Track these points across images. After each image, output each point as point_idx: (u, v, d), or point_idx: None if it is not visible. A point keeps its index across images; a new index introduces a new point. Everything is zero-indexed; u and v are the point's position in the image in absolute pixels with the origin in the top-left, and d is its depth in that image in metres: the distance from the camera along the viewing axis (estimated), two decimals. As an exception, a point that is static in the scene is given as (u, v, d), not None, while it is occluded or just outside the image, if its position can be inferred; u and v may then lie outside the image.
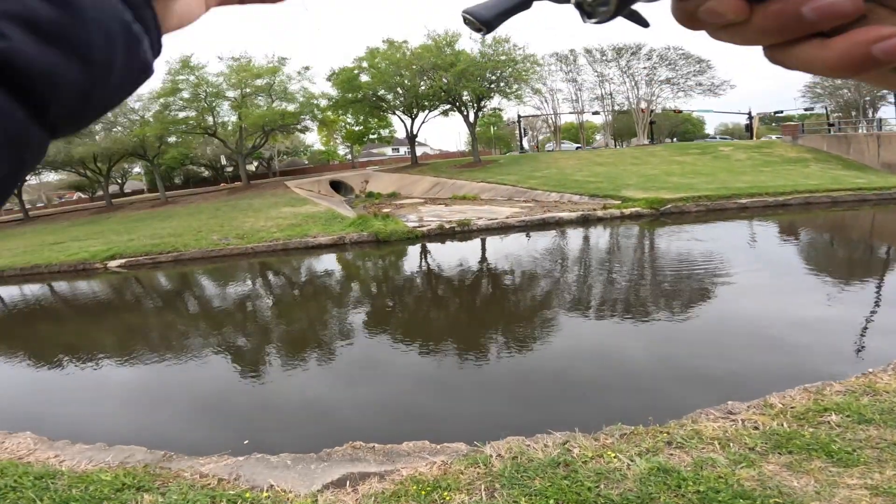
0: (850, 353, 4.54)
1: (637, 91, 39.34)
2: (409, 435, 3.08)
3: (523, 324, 6.13)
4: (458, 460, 2.67)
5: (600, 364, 4.67)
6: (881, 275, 7.79)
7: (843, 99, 37.74)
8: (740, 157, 21.65)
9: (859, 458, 2.42)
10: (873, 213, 12.99)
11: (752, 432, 2.74)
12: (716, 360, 4.57)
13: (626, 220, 12.78)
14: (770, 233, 11.27)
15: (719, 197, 13.75)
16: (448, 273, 9.20)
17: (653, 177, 18.11)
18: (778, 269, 7.73)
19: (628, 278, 7.92)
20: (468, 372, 4.74)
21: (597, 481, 2.41)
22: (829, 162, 20.04)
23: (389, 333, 6.10)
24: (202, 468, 2.82)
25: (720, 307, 6.20)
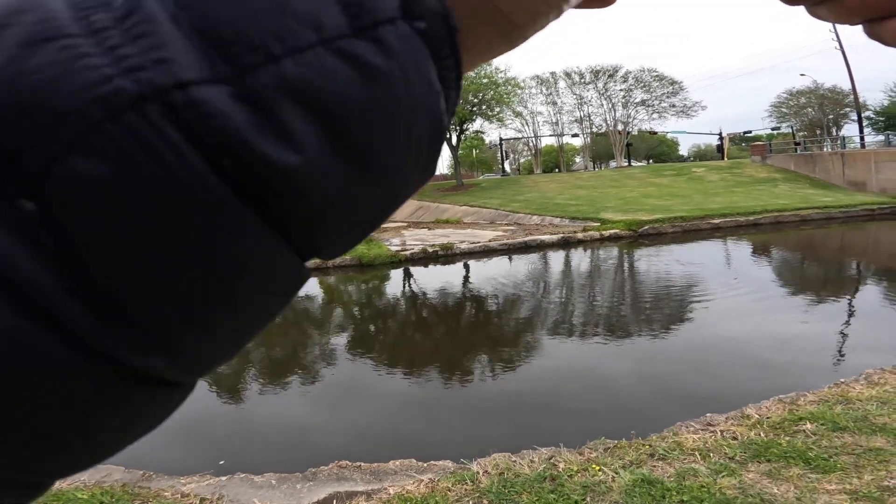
0: (822, 365, 4.68)
1: (614, 113, 40.37)
2: (396, 454, 3.07)
3: (507, 345, 6.17)
4: (446, 478, 2.68)
5: (583, 382, 4.73)
6: (850, 290, 8.04)
7: (808, 118, 39.17)
8: (713, 179, 22.26)
9: (836, 465, 2.50)
10: (841, 230, 13.43)
11: (731, 442, 2.81)
12: (694, 375, 4.67)
13: (606, 242, 12.99)
14: (743, 252, 11.57)
15: (694, 217, 14.10)
16: (432, 297, 9.23)
17: (631, 199, 18.49)
18: (752, 287, 7.93)
19: (608, 300, 8.05)
20: (453, 393, 4.75)
21: (583, 494, 2.44)
22: (798, 181, 20.72)
23: (375, 356, 6.09)
24: (183, 488, 2.78)
25: (696, 325, 6.34)
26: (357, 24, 0.16)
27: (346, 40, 0.16)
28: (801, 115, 39.64)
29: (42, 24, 0.14)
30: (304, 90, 0.15)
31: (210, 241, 0.15)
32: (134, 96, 0.14)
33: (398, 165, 0.18)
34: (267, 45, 0.15)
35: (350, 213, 0.18)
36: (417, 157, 0.18)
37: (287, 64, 0.15)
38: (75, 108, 0.14)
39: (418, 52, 0.17)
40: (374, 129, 0.16)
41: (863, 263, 9.95)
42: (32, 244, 0.14)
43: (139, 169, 0.14)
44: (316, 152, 0.16)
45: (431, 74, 0.18)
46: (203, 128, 0.14)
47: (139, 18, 0.15)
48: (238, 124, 0.15)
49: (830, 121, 38.00)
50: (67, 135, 0.14)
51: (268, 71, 0.15)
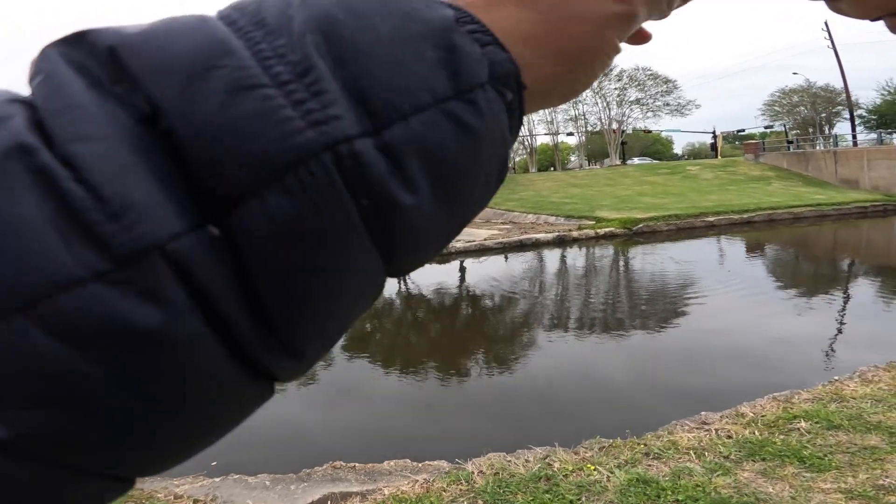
0: (816, 362, 4.69)
1: (609, 112, 40.45)
2: (391, 454, 3.06)
3: (503, 343, 6.17)
4: (441, 478, 2.67)
5: (578, 381, 4.72)
6: (843, 288, 8.09)
7: (801, 116, 39.40)
8: (707, 177, 22.33)
9: (831, 463, 2.50)
10: (834, 228, 13.51)
11: (726, 441, 2.81)
12: (688, 373, 4.67)
13: (601, 241, 13.01)
14: (737, 250, 11.61)
15: (688, 215, 14.14)
16: (427, 295, 9.22)
17: (626, 197, 18.53)
18: (745, 285, 7.96)
19: (603, 298, 8.05)
20: (448, 392, 4.74)
21: (578, 494, 2.43)
22: (790, 179, 20.82)
23: (370, 355, 6.07)
24: (177, 489, 2.75)
25: (691, 323, 6.35)
26: (458, 87, 0.19)
27: (452, 102, 0.19)
28: (794, 113, 39.86)
29: (242, 72, 0.17)
30: (423, 143, 0.18)
31: (347, 264, 0.18)
32: (319, 146, 0.17)
33: (477, 202, 0.22)
34: (400, 106, 0.18)
35: (433, 241, 0.21)
36: (488, 193, 0.22)
37: (413, 121, 0.18)
38: (275, 153, 0.16)
39: (500, 111, 0.20)
40: (465, 176, 0.20)
41: (856, 260, 10.00)
42: (222, 266, 0.16)
43: (314, 206, 0.17)
44: (425, 194, 0.19)
45: (505, 127, 0.21)
46: (356, 174, 0.17)
47: (316, 77, 0.17)
48: (380, 172, 0.17)
49: (823, 119, 38.23)
50: (266, 174, 0.16)
51: (400, 127, 0.18)
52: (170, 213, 0.16)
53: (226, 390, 0.17)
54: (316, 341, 0.19)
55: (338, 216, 0.17)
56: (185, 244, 0.15)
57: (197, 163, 0.16)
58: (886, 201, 15.56)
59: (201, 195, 0.16)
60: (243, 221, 0.16)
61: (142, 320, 0.15)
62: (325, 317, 0.19)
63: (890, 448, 2.57)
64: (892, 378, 3.38)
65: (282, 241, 0.17)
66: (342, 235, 0.17)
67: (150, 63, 0.17)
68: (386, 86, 0.18)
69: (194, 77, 0.16)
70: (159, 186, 0.16)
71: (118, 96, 0.16)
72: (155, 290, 0.15)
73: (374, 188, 0.17)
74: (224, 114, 0.16)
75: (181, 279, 0.15)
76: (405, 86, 0.18)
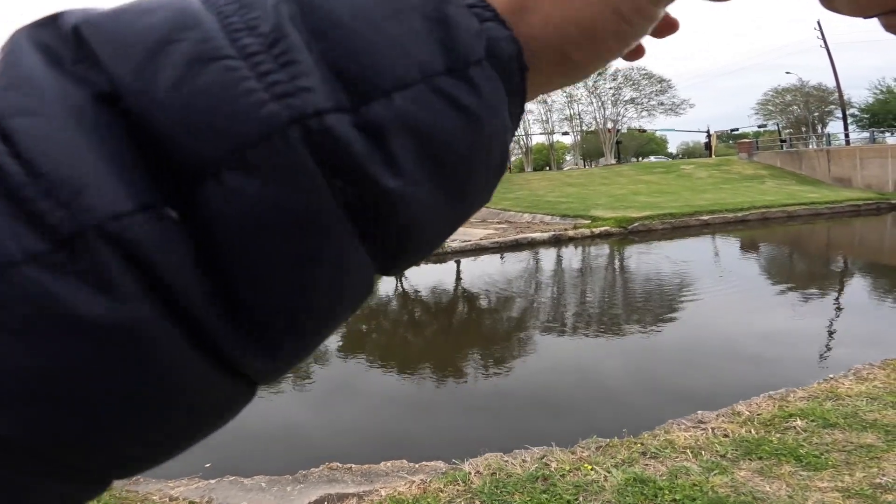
0: (811, 360, 4.71)
1: (604, 111, 40.54)
2: (387, 455, 3.05)
3: (499, 343, 6.16)
4: (437, 478, 2.65)
5: (575, 380, 4.72)
6: (838, 286, 8.13)
7: (794, 116, 39.60)
8: (701, 176, 22.41)
9: (828, 462, 2.51)
10: (827, 226, 13.58)
11: (723, 440, 2.81)
12: (684, 371, 4.68)
13: (597, 240, 13.03)
14: (732, 248, 11.65)
15: (683, 214, 14.17)
16: (424, 295, 9.20)
17: (621, 196, 18.57)
18: (740, 284, 7.98)
19: (599, 297, 8.06)
20: (445, 392, 4.73)
21: (575, 494, 2.43)
22: (784, 178, 20.92)
23: (365, 356, 6.05)
24: (171, 491, 2.73)
25: (686, 322, 6.36)
26: (451, 64, 0.18)
27: (442, 78, 0.17)
28: (787, 112, 40.05)
29: (206, 44, 0.16)
30: (408, 122, 0.17)
31: (322, 253, 0.17)
32: (284, 120, 0.15)
33: (474, 191, 0.20)
34: (381, 81, 0.17)
35: (429, 234, 0.19)
36: (487, 182, 0.20)
37: (397, 98, 0.17)
38: (235, 128, 0.15)
39: (499, 92, 0.19)
40: (461, 160, 0.18)
41: (850, 259, 10.06)
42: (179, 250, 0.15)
43: (278, 185, 0.15)
44: (413, 177, 0.17)
45: (505, 110, 0.19)
46: (328, 151, 0.16)
47: (286, 47, 0.16)
48: (357, 150, 0.16)
49: (816, 118, 38.43)
50: (226, 151, 0.15)
51: (381, 104, 0.16)
52: (116, 192, 0.14)
53: (192, 387, 0.16)
54: (292, 340, 0.17)
55: (309, 198, 0.16)
56: (132, 225, 0.14)
57: (154, 141, 0.15)
58: (879, 199, 15.66)
59: (163, 176, 0.15)
60: (203, 203, 0.15)
61: (83, 307, 0.14)
62: (301, 313, 0.17)
63: (886, 446, 2.57)
64: (887, 376, 3.40)
65: (245, 224, 0.15)
66: (316, 220, 0.16)
67: (109, 41, 0.16)
68: (367, 59, 0.17)
69: (153, 52, 0.15)
70: (108, 165, 0.14)
71: (77, 75, 0.15)
72: (96, 275, 0.14)
73: (351, 168, 0.16)
74: (180, 88, 0.15)
75: (129, 263, 0.14)
76: (389, 60, 0.17)
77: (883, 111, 31.74)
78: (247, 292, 0.16)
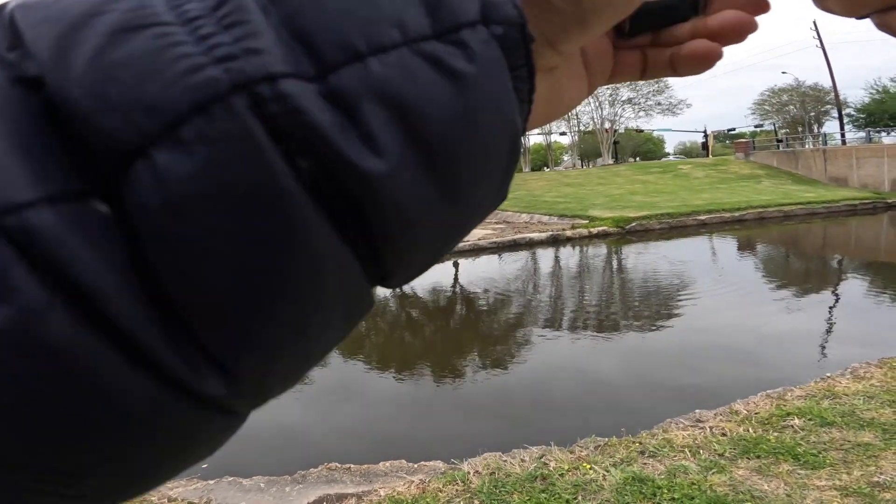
0: (808, 359, 4.72)
1: (601, 111, 40.59)
2: (386, 455, 3.05)
3: (498, 343, 6.16)
4: (436, 478, 2.66)
5: (573, 379, 4.73)
6: (834, 284, 8.16)
7: (790, 115, 39.71)
8: (698, 175, 22.46)
9: (825, 460, 2.51)
10: (824, 225, 13.63)
11: (721, 439, 2.82)
12: (682, 370, 4.69)
13: (594, 240, 13.05)
14: (729, 248, 11.68)
15: (680, 214, 14.20)
16: (421, 295, 9.20)
17: (618, 196, 18.60)
18: (737, 283, 8.00)
19: (597, 297, 8.08)
20: (443, 391, 4.73)
21: (574, 493, 2.43)
22: (780, 177, 20.98)
23: (364, 356, 6.05)
24: (170, 492, 2.73)
25: (684, 321, 6.38)
26: (439, 26, 0.15)
27: (429, 42, 0.15)
28: (784, 112, 40.16)
29: (135, 12, 0.13)
30: (389, 92, 0.14)
31: (283, 251, 0.14)
32: (225, 87, 0.13)
33: (476, 181, 0.17)
34: (353, 44, 0.14)
35: (425, 234, 0.16)
36: (494, 173, 0.17)
37: (372, 64, 0.14)
38: (164, 99, 0.13)
39: (497, 59, 0.16)
40: (457, 138, 0.15)
41: (847, 257, 10.09)
42: (102, 249, 0.13)
43: (221, 166, 0.13)
44: (398, 159, 0.14)
45: (508, 81, 0.17)
46: (287, 123, 0.13)
47: (232, 8, 0.14)
48: (323, 123, 0.14)
49: (812, 118, 38.54)
50: (153, 127, 0.13)
51: (353, 70, 0.14)
52: (16, 180, 0.12)
53: (136, 413, 0.13)
54: (253, 355, 0.14)
55: (260, 176, 0.13)
56: (34, 218, 0.12)
57: (73, 123, 0.13)
58: (876, 199, 15.72)
59: (88, 164, 0.13)
60: (130, 189, 0.13)
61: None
62: (259, 322, 0.14)
63: (883, 445, 2.58)
64: (884, 374, 3.41)
65: (178, 211, 0.13)
66: (270, 203, 0.13)
67: (36, 21, 0.14)
68: (335, 20, 0.14)
69: (73, 27, 0.13)
70: (13, 151, 0.12)
71: (7, 61, 0.14)
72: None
73: (318, 145, 0.13)
74: (99, 60, 0.13)
75: (31, 265, 0.12)
76: (362, 19, 0.14)
77: (879, 111, 31.84)
78: (186, 298, 0.13)
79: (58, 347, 0.12)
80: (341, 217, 0.14)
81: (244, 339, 0.14)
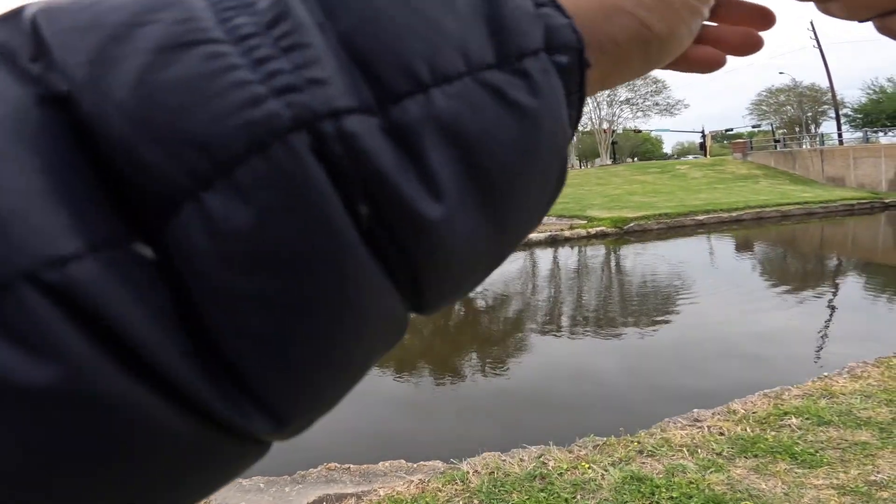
0: (805, 358, 4.74)
1: (599, 112, 40.63)
2: (385, 455, 3.05)
3: (497, 343, 6.17)
4: (436, 478, 2.66)
5: (572, 379, 4.74)
6: (832, 284, 8.18)
7: (788, 116, 39.79)
8: (696, 176, 22.50)
9: (823, 459, 2.53)
10: (821, 225, 13.66)
11: (718, 438, 2.83)
12: (679, 370, 4.70)
13: (592, 240, 13.07)
14: (727, 248, 11.71)
15: (678, 214, 14.23)
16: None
17: (616, 196, 18.62)
18: (735, 283, 8.02)
19: (596, 297, 8.09)
20: (442, 391, 4.73)
21: (573, 493, 2.44)
22: (778, 177, 21.03)
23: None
24: (172, 497, 2.73)
25: (681, 320, 6.39)
26: (503, 53, 0.14)
27: (492, 72, 0.14)
28: (781, 112, 40.24)
29: (183, 25, 0.12)
30: (452, 128, 0.13)
31: (337, 300, 0.13)
32: (286, 123, 0.12)
33: (526, 216, 0.16)
34: (416, 71, 0.13)
35: (470, 271, 0.15)
36: (541, 205, 0.16)
37: (436, 95, 0.13)
38: (219, 135, 0.11)
39: (557, 91, 0.15)
40: (514, 175, 0.14)
41: (844, 257, 10.12)
42: (149, 299, 0.11)
43: (281, 215, 0.12)
44: (456, 202, 0.13)
45: (565, 114, 0.16)
46: (350, 166, 0.12)
47: (290, 27, 0.12)
48: (387, 166, 0.12)
49: (809, 118, 38.63)
50: (206, 168, 0.11)
51: (416, 102, 0.13)
52: (55, 227, 0.11)
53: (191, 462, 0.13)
54: (301, 398, 0.14)
55: (322, 230, 0.12)
56: (78, 272, 0.11)
57: (113, 155, 0.11)
58: (873, 199, 15.76)
59: (129, 202, 0.12)
60: (177, 233, 0.12)
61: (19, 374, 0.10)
62: (308, 370, 0.14)
63: (881, 444, 2.60)
64: (881, 374, 3.42)
65: (234, 262, 0.12)
66: (329, 256, 0.12)
67: (64, 28, 0.12)
68: (398, 43, 0.13)
69: (113, 39, 0.12)
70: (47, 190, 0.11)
71: (30, 74, 0.12)
72: (32, 334, 0.10)
73: (379, 189, 0.12)
74: (145, 82, 0.11)
75: (77, 320, 0.11)
76: (427, 44, 0.13)
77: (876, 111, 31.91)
78: (236, 347, 0.12)
79: (108, 401, 0.11)
80: (388, 256, 0.13)
81: (293, 383, 0.14)
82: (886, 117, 30.50)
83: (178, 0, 0.12)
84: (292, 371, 0.13)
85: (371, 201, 0.12)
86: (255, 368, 0.13)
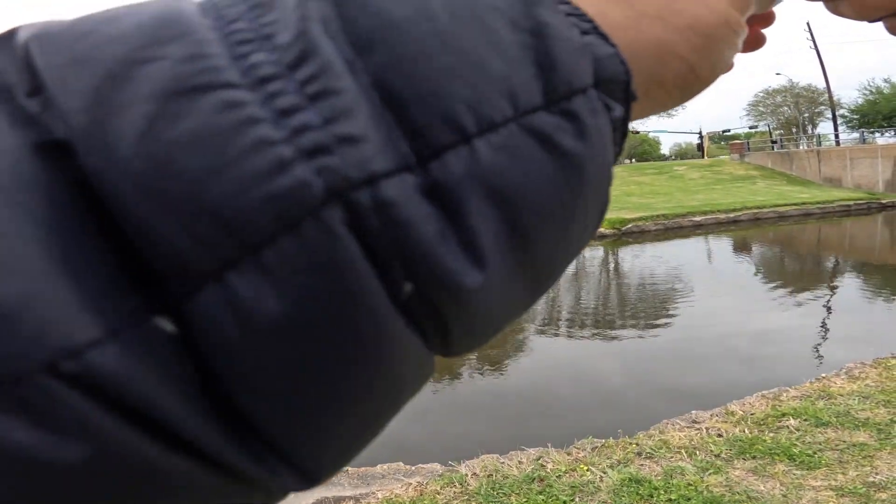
0: (803, 359, 4.75)
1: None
2: (383, 457, 3.05)
3: (495, 344, 6.17)
4: (434, 480, 2.66)
5: (570, 381, 4.74)
6: (829, 285, 8.20)
7: (784, 116, 39.90)
8: (693, 176, 22.55)
9: (821, 461, 2.53)
10: (818, 225, 13.70)
11: (717, 439, 2.83)
12: (677, 371, 4.71)
13: (590, 241, 13.07)
14: (724, 249, 11.73)
15: (675, 215, 14.26)
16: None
17: (614, 197, 17.94)
18: (733, 284, 8.04)
19: (594, 298, 8.10)
20: (441, 393, 4.73)
21: (571, 495, 2.44)
22: (775, 178, 21.09)
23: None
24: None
25: (680, 322, 6.40)
26: (552, 93, 0.12)
27: (539, 115, 0.12)
28: (778, 113, 40.34)
29: (192, 64, 0.10)
30: (496, 184, 0.11)
31: (370, 371, 0.12)
32: (319, 196, 0.10)
33: (564, 266, 0.15)
34: (459, 119, 0.11)
35: (502, 322, 0.14)
36: (576, 251, 0.15)
37: (480, 147, 0.11)
38: (242, 209, 0.10)
39: (605, 131, 0.14)
40: (557, 229, 0.13)
41: (841, 258, 10.15)
42: (173, 378, 0.11)
43: (313, 300, 0.10)
44: (498, 265, 0.12)
45: (612, 155, 0.14)
46: (388, 241, 0.11)
47: (317, 68, 0.11)
48: (427, 236, 0.11)
49: (806, 119, 38.73)
50: (230, 249, 0.10)
51: (458, 156, 0.11)
52: (70, 312, 0.10)
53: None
54: (330, 455, 0.14)
55: (357, 311, 0.11)
56: (100, 358, 0.10)
57: (122, 221, 0.10)
58: (870, 199, 15.81)
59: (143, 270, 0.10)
60: (199, 313, 0.10)
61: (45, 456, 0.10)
62: (339, 437, 0.13)
63: (878, 445, 2.60)
64: (878, 375, 3.43)
65: (262, 344, 0.11)
66: (366, 337, 0.11)
67: (58, 63, 0.11)
68: (437, 83, 0.11)
69: (113, 78, 0.10)
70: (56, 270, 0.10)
71: (24, 114, 0.10)
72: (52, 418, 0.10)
73: (421, 264, 0.11)
74: (153, 137, 0.10)
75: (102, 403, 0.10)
76: (469, 85, 0.11)
77: (872, 112, 32.03)
78: (266, 420, 0.12)
79: (139, 469, 0.11)
80: (424, 324, 0.13)
81: (323, 443, 0.13)
82: (883, 118, 30.62)
83: (186, 30, 0.11)
84: (322, 433, 0.13)
85: (412, 278, 0.11)
86: (285, 436, 0.12)
